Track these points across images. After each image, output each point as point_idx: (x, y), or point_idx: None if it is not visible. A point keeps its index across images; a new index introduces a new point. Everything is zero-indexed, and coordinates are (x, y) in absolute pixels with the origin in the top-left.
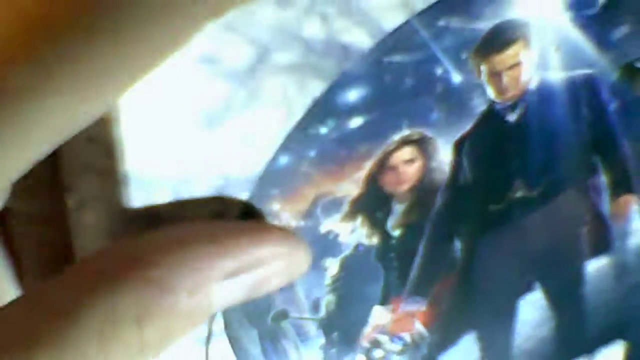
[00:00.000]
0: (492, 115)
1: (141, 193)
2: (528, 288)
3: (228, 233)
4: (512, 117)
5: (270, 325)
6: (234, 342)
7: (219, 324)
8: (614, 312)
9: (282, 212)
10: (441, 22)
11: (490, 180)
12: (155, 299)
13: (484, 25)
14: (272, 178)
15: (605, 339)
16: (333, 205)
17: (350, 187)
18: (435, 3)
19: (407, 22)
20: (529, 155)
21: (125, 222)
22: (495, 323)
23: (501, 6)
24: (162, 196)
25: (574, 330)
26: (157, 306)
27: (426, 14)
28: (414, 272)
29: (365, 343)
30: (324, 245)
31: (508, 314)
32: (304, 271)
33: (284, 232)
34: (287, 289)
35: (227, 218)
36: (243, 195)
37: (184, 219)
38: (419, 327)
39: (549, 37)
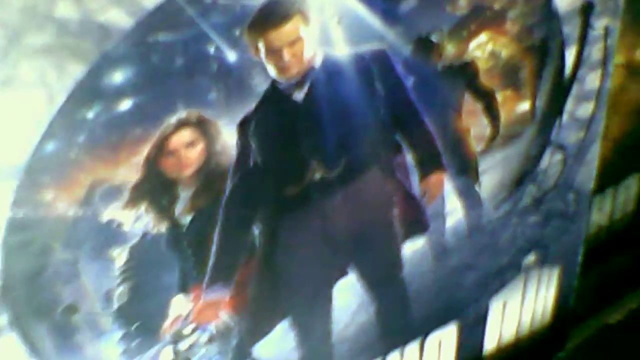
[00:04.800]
0: (276, 95)
1: None
2: (341, 273)
3: None
4: (298, 96)
5: (59, 320)
6: (24, 338)
7: (3, 319)
8: (441, 293)
9: (57, 201)
10: None
11: (283, 162)
12: None
13: (256, 1)
14: (40, 166)
15: (437, 322)
16: (112, 193)
17: (129, 173)
18: None
19: (169, 0)
20: (323, 135)
21: None
22: (309, 310)
23: None
24: None
25: (398, 314)
26: None
27: None
28: (211, 260)
29: (167, 335)
30: (108, 235)
31: (322, 299)
32: None
33: None
34: (74, 281)
35: None
36: (11, 183)
37: None
38: (225, 316)
39: (329, 10)
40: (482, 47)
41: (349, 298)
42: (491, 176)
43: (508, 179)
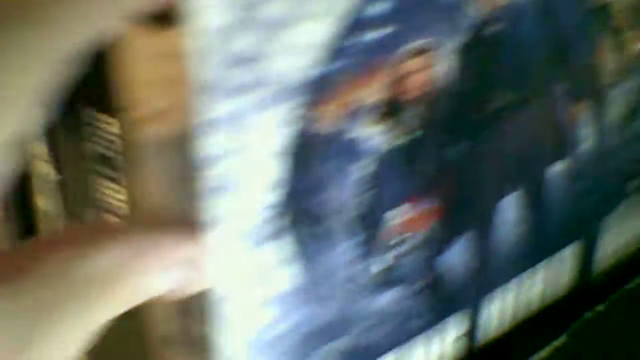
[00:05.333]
0: (481, 28)
1: None
2: (508, 190)
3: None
4: (496, 29)
5: (312, 227)
6: (295, 242)
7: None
8: (567, 216)
9: (323, 118)
10: None
11: (479, 88)
12: None
13: None
14: (313, 86)
15: (561, 243)
16: (361, 112)
17: (375, 94)
18: None
19: None
20: (510, 65)
21: None
22: (485, 224)
23: None
24: None
25: (540, 232)
26: None
27: None
28: (425, 174)
29: (388, 241)
30: (355, 150)
31: (492, 215)
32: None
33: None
34: (325, 192)
35: None
36: (295, 101)
37: None
38: (429, 225)
39: None
40: None
41: (508, 214)
42: (613, 107)
43: (625, 109)
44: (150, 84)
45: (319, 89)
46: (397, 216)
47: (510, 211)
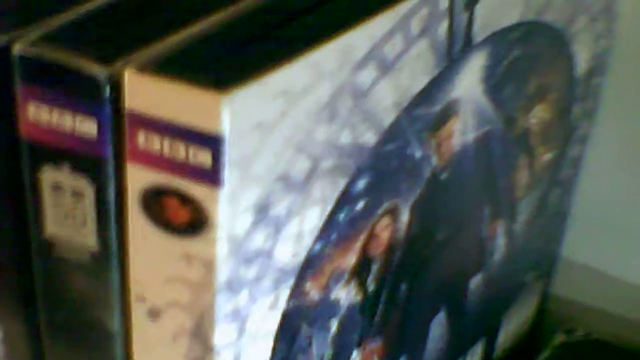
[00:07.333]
0: (433, 178)
1: None
2: (436, 311)
3: None
4: (443, 177)
5: None
6: None
7: None
8: (480, 316)
9: (311, 289)
10: (415, 111)
11: (427, 230)
12: None
13: (436, 108)
14: (309, 263)
15: (474, 340)
16: (340, 276)
17: (351, 258)
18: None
19: (397, 117)
20: (450, 205)
21: None
22: (417, 345)
23: (446, 92)
24: None
25: (458, 337)
26: None
27: (407, 107)
28: (377, 317)
29: None
30: (331, 310)
31: (424, 335)
32: None
33: None
34: (308, 351)
35: None
36: (290, 281)
37: None
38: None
39: (470, 107)
40: (535, 116)
41: (436, 330)
42: (521, 216)
43: (529, 215)
44: (169, 281)
45: (310, 266)
46: (356, 357)
47: (437, 327)
